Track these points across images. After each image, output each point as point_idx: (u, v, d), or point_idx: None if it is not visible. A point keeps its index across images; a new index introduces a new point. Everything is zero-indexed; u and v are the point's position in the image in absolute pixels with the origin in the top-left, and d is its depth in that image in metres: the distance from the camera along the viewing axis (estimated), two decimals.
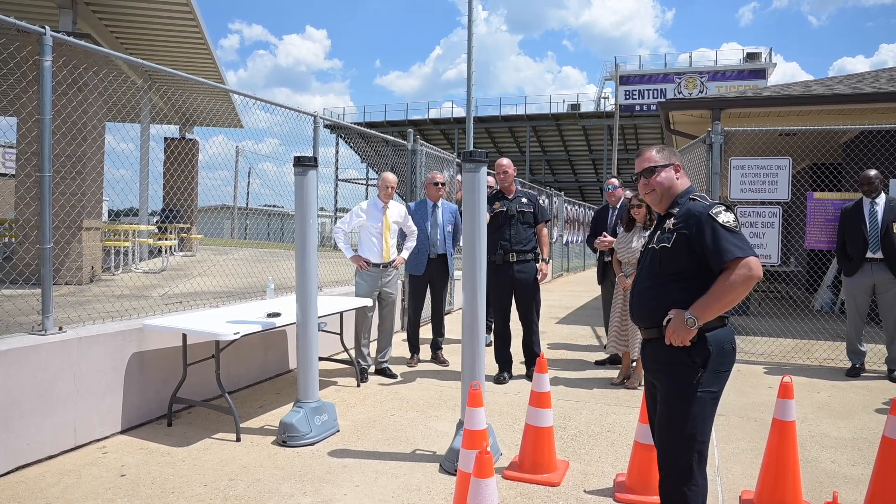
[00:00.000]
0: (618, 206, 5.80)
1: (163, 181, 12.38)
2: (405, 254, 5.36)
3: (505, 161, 5.30)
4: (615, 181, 6.06)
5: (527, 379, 5.12)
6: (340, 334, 5.14)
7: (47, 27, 3.44)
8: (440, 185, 5.69)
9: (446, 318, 6.57)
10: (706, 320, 2.14)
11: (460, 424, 3.30)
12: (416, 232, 5.44)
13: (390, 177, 5.21)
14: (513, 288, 5.14)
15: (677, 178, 2.38)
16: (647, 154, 2.42)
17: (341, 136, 34.02)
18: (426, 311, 6.02)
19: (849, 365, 5.55)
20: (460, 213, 5.94)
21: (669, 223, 2.30)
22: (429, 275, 5.66)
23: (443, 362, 5.74)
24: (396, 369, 5.41)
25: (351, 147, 35.71)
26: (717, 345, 2.19)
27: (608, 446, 3.68)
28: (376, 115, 39.46)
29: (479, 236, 3.38)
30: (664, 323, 2.21)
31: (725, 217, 2.17)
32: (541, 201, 5.34)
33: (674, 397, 2.24)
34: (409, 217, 5.44)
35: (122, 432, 3.75)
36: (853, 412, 4.41)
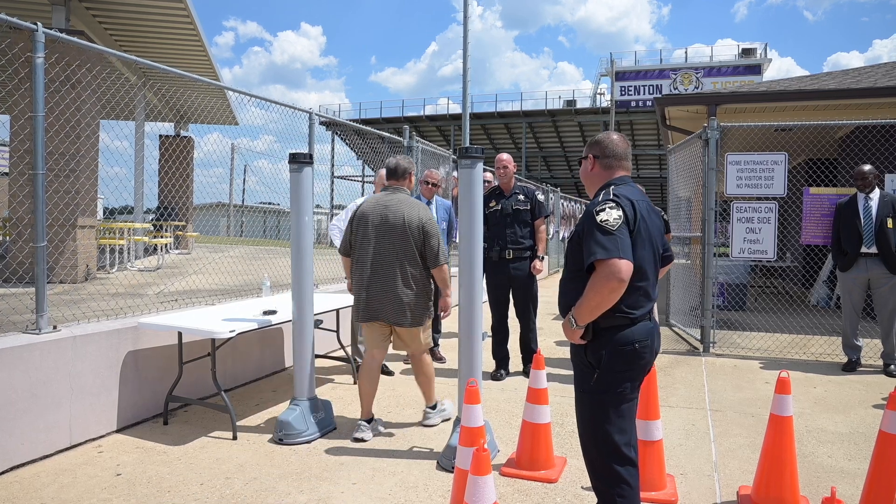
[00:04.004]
0: None
1: (158, 179, 12.35)
2: None
3: (505, 156, 5.25)
4: None
5: (524, 376, 5.12)
6: (337, 332, 5.13)
7: (39, 24, 3.41)
8: (431, 186, 5.66)
9: None
10: (584, 322, 2.11)
11: (457, 421, 3.29)
12: None
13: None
14: (510, 285, 5.13)
15: (591, 170, 2.37)
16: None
17: (337, 133, 33.92)
18: None
19: (845, 360, 5.57)
20: (455, 210, 5.93)
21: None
22: None
23: (440, 359, 5.73)
24: (393, 366, 5.40)
25: (347, 144, 35.62)
26: (613, 346, 2.13)
27: None
28: (372, 111, 39.30)
29: (476, 233, 3.37)
30: None
31: (604, 216, 2.09)
32: (539, 196, 5.31)
33: (576, 398, 2.27)
34: None
35: (118, 431, 3.73)
36: (850, 407, 4.42)
